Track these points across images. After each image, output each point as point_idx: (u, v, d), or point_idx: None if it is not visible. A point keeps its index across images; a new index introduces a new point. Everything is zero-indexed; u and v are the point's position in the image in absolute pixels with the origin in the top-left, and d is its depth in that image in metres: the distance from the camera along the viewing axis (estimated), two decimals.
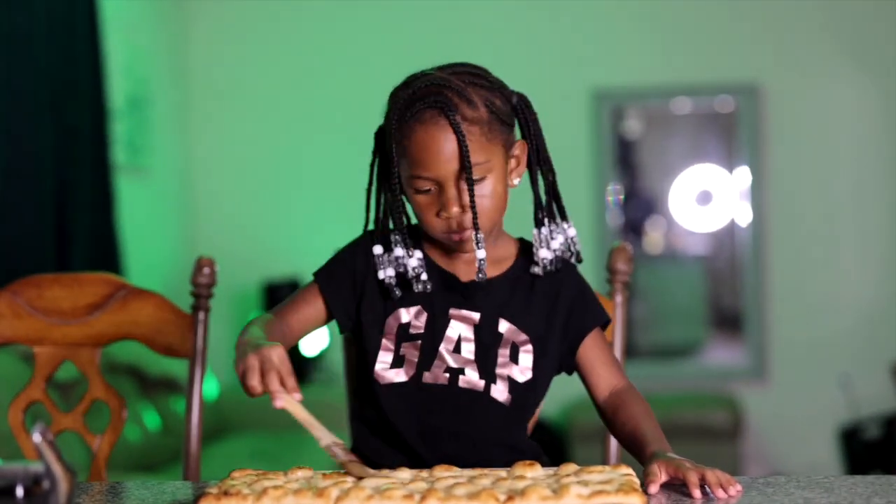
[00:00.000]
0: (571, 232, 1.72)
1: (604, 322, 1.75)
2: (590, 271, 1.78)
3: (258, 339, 1.55)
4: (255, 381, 1.47)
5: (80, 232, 4.31)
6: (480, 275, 1.64)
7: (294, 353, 5.43)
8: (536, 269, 1.70)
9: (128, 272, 4.70)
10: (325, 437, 1.48)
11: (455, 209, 1.63)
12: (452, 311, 1.69)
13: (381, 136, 1.72)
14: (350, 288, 1.72)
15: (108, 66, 4.64)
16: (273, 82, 5.88)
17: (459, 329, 1.69)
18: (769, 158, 5.75)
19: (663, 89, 5.88)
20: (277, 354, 1.48)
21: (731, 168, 6.34)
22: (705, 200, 6.78)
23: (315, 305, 1.73)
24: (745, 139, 5.77)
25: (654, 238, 7.51)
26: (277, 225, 5.88)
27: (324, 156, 5.82)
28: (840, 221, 5.74)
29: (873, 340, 5.63)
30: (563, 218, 1.73)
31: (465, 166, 1.61)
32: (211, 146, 5.89)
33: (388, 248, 1.70)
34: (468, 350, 1.68)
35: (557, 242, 1.71)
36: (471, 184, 1.61)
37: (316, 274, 1.75)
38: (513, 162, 1.70)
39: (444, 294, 1.70)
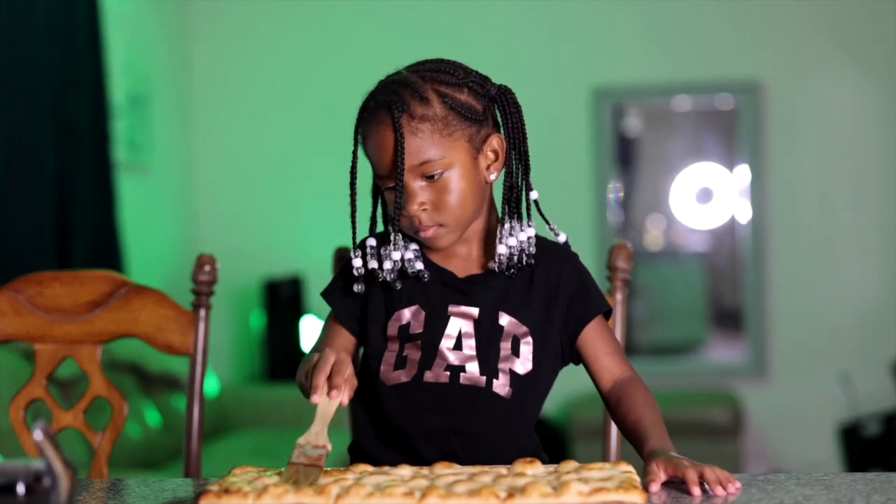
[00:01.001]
0: (530, 232, 1.69)
1: (605, 311, 1.74)
2: (590, 269, 1.77)
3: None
4: (303, 374, 1.53)
5: (80, 229, 4.31)
6: (417, 272, 1.66)
7: (296, 349, 5.44)
8: (492, 265, 1.69)
9: (129, 269, 4.70)
10: (312, 437, 1.45)
11: (413, 207, 1.64)
12: (451, 308, 1.69)
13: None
14: (353, 296, 1.73)
15: (108, 63, 4.64)
16: (274, 80, 5.88)
17: (459, 325, 1.68)
18: (769, 156, 5.75)
19: (664, 87, 5.88)
20: (335, 356, 1.50)
21: (731, 166, 6.34)
22: (706, 198, 6.78)
23: (341, 333, 1.75)
24: (746, 137, 5.77)
25: (654, 236, 7.51)
26: (278, 222, 5.88)
27: (325, 153, 5.82)
28: (840, 219, 5.74)
29: (873, 338, 5.63)
30: (529, 216, 1.71)
31: (397, 164, 1.61)
32: (212, 144, 5.89)
33: (384, 243, 1.70)
34: (469, 346, 1.68)
35: (516, 240, 1.68)
36: (400, 180, 1.61)
37: (323, 294, 1.77)
38: (490, 156, 1.69)
39: (442, 291, 1.70)
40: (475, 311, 1.69)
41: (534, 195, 1.71)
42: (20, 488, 1.33)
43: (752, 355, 5.78)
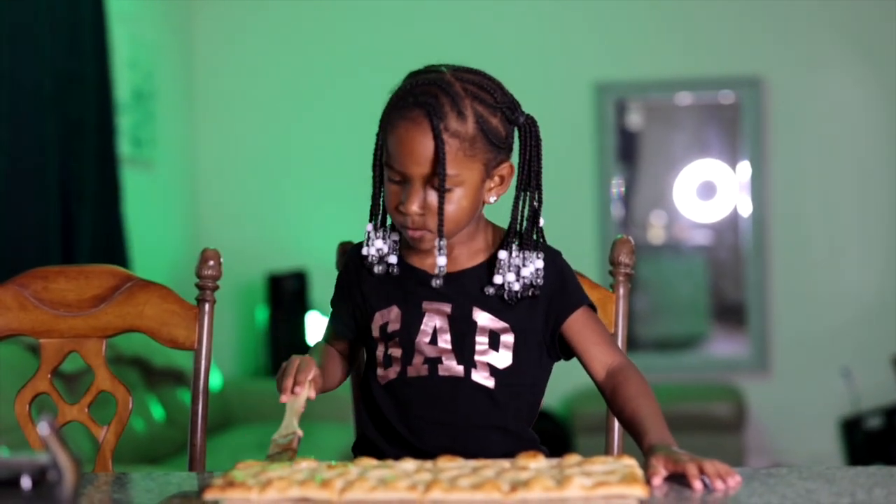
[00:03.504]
0: (539, 263, 1.72)
1: (586, 304, 1.75)
2: (593, 263, 1.78)
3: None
4: (278, 380, 1.66)
5: (85, 224, 4.32)
6: (437, 280, 1.68)
7: (299, 346, 5.44)
8: (490, 290, 1.71)
9: (133, 264, 4.71)
10: (283, 429, 1.60)
11: (413, 208, 1.66)
12: (425, 305, 1.73)
13: None
14: (345, 301, 1.81)
15: (113, 59, 4.64)
16: (278, 75, 5.89)
17: (434, 321, 1.72)
18: (771, 151, 5.75)
19: (666, 82, 5.88)
20: (301, 360, 1.65)
21: (733, 160, 6.34)
22: (708, 193, 6.78)
23: (336, 336, 1.85)
24: (748, 132, 5.78)
25: (656, 230, 7.50)
26: (282, 217, 5.89)
27: (328, 149, 5.82)
28: (842, 214, 5.74)
29: (875, 332, 5.63)
30: (540, 247, 1.73)
31: (437, 174, 1.63)
32: (216, 139, 5.89)
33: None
34: (444, 340, 1.71)
35: (528, 271, 1.71)
36: (442, 192, 1.64)
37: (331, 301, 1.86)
38: (495, 180, 1.71)
39: (418, 289, 1.73)
40: (448, 306, 1.72)
41: (541, 222, 1.74)
42: (26, 482, 1.34)
43: (754, 349, 5.78)
